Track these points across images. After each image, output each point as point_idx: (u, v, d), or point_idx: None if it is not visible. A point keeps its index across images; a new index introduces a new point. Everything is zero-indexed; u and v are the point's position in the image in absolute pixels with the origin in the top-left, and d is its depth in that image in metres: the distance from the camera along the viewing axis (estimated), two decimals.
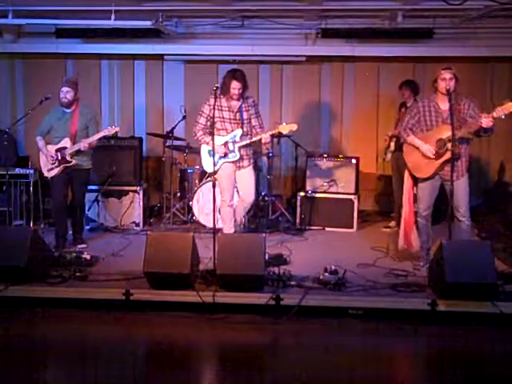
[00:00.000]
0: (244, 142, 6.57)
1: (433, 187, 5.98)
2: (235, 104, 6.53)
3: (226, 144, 6.51)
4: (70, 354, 4.65)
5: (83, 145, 6.58)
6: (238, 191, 6.74)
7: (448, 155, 5.67)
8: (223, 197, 6.56)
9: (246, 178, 6.63)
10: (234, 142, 6.54)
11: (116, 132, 6.81)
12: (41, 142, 6.75)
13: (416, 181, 6.09)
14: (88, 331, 5.03)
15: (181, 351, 4.71)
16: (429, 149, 5.81)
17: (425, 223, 6.08)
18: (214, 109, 6.08)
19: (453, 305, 5.12)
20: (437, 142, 5.79)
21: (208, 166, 6.65)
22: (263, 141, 6.60)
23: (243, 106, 6.56)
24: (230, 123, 6.54)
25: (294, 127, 6.56)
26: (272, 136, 6.76)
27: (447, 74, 5.71)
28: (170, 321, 5.18)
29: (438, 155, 5.79)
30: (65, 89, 6.61)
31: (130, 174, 8.07)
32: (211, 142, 6.24)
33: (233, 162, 6.54)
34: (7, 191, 6.92)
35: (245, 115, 6.57)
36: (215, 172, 6.23)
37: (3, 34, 8.73)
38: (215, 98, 6.06)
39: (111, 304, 5.33)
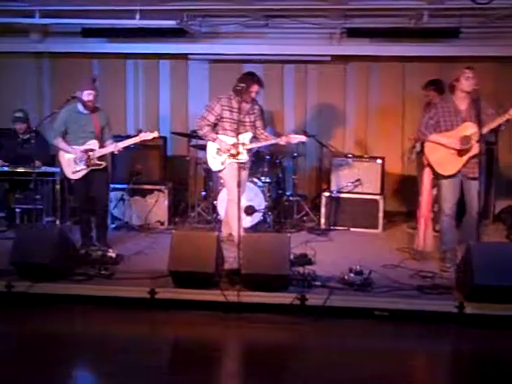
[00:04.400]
0: (253, 146, 6.74)
1: (457, 184, 5.99)
2: (245, 106, 6.59)
3: (234, 145, 6.54)
4: (94, 351, 4.68)
5: (118, 148, 6.57)
6: None
7: (474, 150, 5.74)
8: (230, 195, 6.59)
9: (245, 179, 6.81)
10: (244, 145, 6.61)
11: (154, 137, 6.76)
12: (63, 144, 6.56)
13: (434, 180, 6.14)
14: (113, 329, 5.07)
15: (205, 350, 4.69)
16: (455, 142, 5.84)
17: (450, 222, 6.05)
18: (239, 109, 6.14)
19: (481, 307, 5.07)
20: (461, 140, 5.81)
21: (214, 164, 6.78)
22: (282, 142, 6.84)
23: (250, 108, 6.70)
24: (238, 125, 6.49)
25: (303, 138, 6.87)
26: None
27: (471, 73, 5.77)
28: (194, 320, 5.18)
29: (463, 152, 5.81)
30: (93, 92, 6.46)
31: (155, 173, 8.11)
32: (218, 140, 6.60)
33: (239, 163, 6.53)
34: (35, 189, 6.99)
35: (252, 117, 6.73)
36: (221, 171, 6.65)
37: (30, 33, 8.80)
38: (241, 97, 6.12)
39: (136, 302, 5.36)
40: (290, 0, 7.41)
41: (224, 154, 6.65)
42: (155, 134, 6.70)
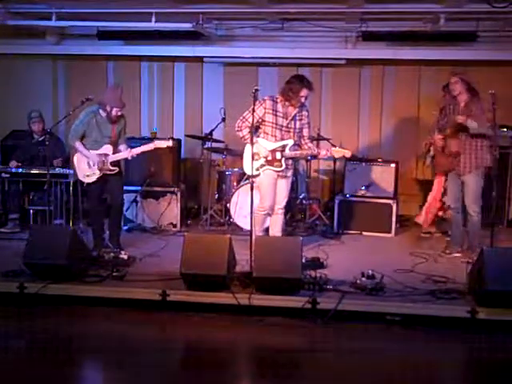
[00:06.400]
0: (292, 155, 6.37)
1: (455, 180, 6.44)
2: (291, 111, 6.28)
3: (273, 151, 6.31)
4: (105, 352, 4.68)
5: (131, 155, 6.56)
6: None
7: (452, 148, 6.32)
8: (262, 204, 6.37)
9: (284, 187, 6.46)
10: (282, 152, 6.31)
11: (169, 146, 6.71)
12: (82, 147, 6.51)
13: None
14: (124, 331, 5.06)
15: (216, 353, 4.69)
16: (438, 138, 6.37)
17: (455, 215, 6.54)
18: (253, 113, 5.95)
19: (493, 313, 5.01)
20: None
21: (248, 168, 6.48)
22: (322, 156, 6.62)
23: (297, 114, 6.32)
24: (281, 130, 6.27)
25: (348, 154, 6.46)
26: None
27: (453, 79, 6.43)
28: (205, 322, 5.16)
29: (446, 150, 6.39)
30: (118, 109, 6.45)
31: (168, 176, 8.11)
32: (257, 144, 6.19)
33: (276, 171, 6.37)
34: (48, 191, 7.01)
35: (297, 124, 6.32)
36: (256, 176, 6.19)
37: (46, 35, 8.86)
38: (255, 100, 5.93)
39: (148, 304, 5.36)
40: (306, 3, 7.39)
41: (260, 160, 6.31)
42: (169, 143, 6.64)
